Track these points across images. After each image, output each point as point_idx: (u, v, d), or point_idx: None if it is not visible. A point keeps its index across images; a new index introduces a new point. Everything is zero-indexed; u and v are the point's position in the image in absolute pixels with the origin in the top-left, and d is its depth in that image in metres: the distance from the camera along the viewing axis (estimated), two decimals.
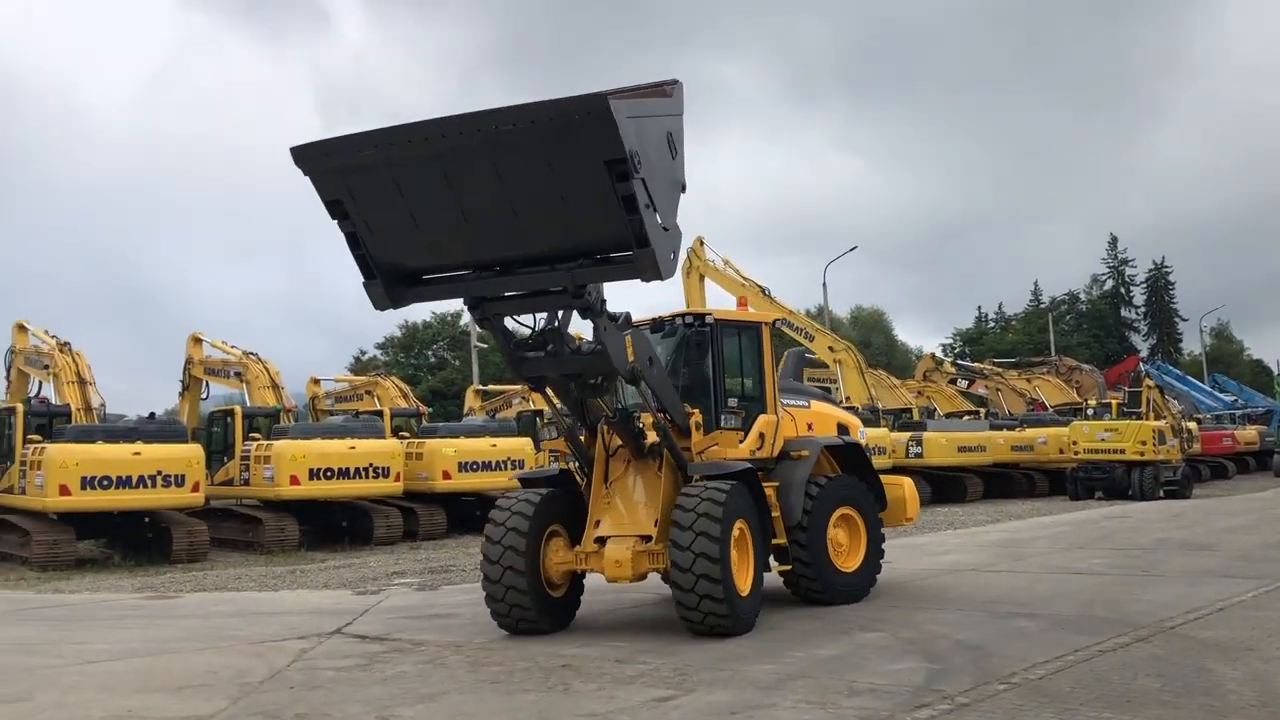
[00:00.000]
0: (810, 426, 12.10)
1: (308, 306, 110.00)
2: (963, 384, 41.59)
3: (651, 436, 10.22)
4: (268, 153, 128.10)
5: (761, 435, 11.10)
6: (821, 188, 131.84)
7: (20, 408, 20.38)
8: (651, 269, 7.55)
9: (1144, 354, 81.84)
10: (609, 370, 9.34)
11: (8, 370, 24.10)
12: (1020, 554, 16.25)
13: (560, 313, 9.10)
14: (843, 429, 12.70)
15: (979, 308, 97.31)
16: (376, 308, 8.40)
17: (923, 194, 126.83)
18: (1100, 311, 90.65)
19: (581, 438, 10.49)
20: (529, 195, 7.52)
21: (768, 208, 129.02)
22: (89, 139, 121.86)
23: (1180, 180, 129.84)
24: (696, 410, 10.43)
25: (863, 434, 13.03)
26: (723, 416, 10.64)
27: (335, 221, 8.02)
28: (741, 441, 10.80)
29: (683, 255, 34.28)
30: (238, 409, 22.99)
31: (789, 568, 10.76)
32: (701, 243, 33.80)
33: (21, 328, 23.85)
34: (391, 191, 7.70)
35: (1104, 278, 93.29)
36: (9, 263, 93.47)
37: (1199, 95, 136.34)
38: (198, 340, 25.64)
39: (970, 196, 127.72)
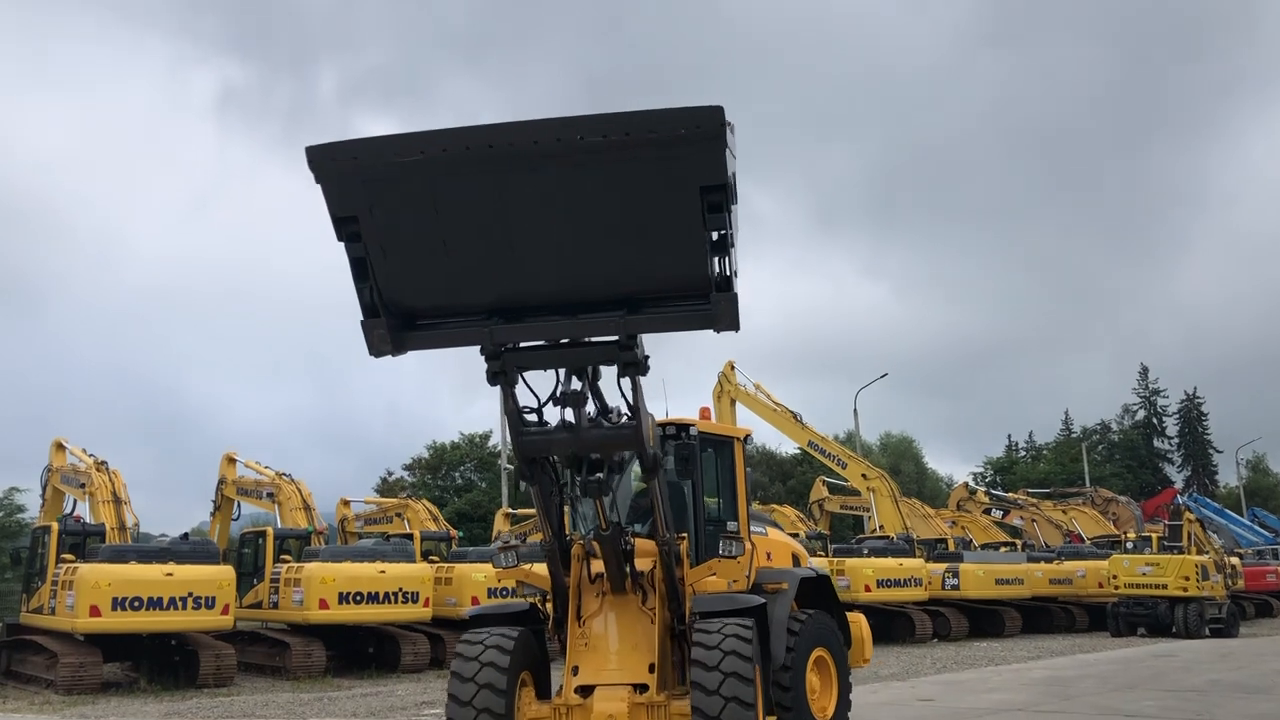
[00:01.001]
0: (769, 556, 11.08)
1: (335, 426, 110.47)
2: (997, 514, 40.99)
3: (644, 563, 9.01)
4: (299, 275, 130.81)
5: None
6: (848, 314, 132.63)
7: (55, 526, 20.40)
8: (730, 317, 6.39)
9: (1179, 486, 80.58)
10: (636, 448, 7.89)
11: (43, 488, 24.22)
12: (1068, 693, 15.73)
13: (591, 372, 7.55)
14: (795, 560, 11.81)
15: (1009, 436, 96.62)
16: (374, 352, 6.80)
17: (950, 321, 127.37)
18: (1133, 442, 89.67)
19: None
20: (597, 222, 6.14)
21: (795, 333, 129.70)
22: (130, 262, 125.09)
23: (1210, 310, 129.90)
24: (683, 535, 9.35)
25: (813, 567, 11.97)
26: (722, 543, 9.47)
27: (342, 244, 6.34)
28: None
29: (713, 379, 34.73)
30: (269, 530, 22.94)
31: (774, 718, 9.38)
32: (733, 367, 33.95)
33: (60, 446, 24.06)
34: (426, 209, 6.14)
35: (1135, 408, 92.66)
36: (48, 382, 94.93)
37: (1226, 225, 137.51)
38: (232, 460, 25.75)
39: (997, 324, 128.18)
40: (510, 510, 37.65)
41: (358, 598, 20.79)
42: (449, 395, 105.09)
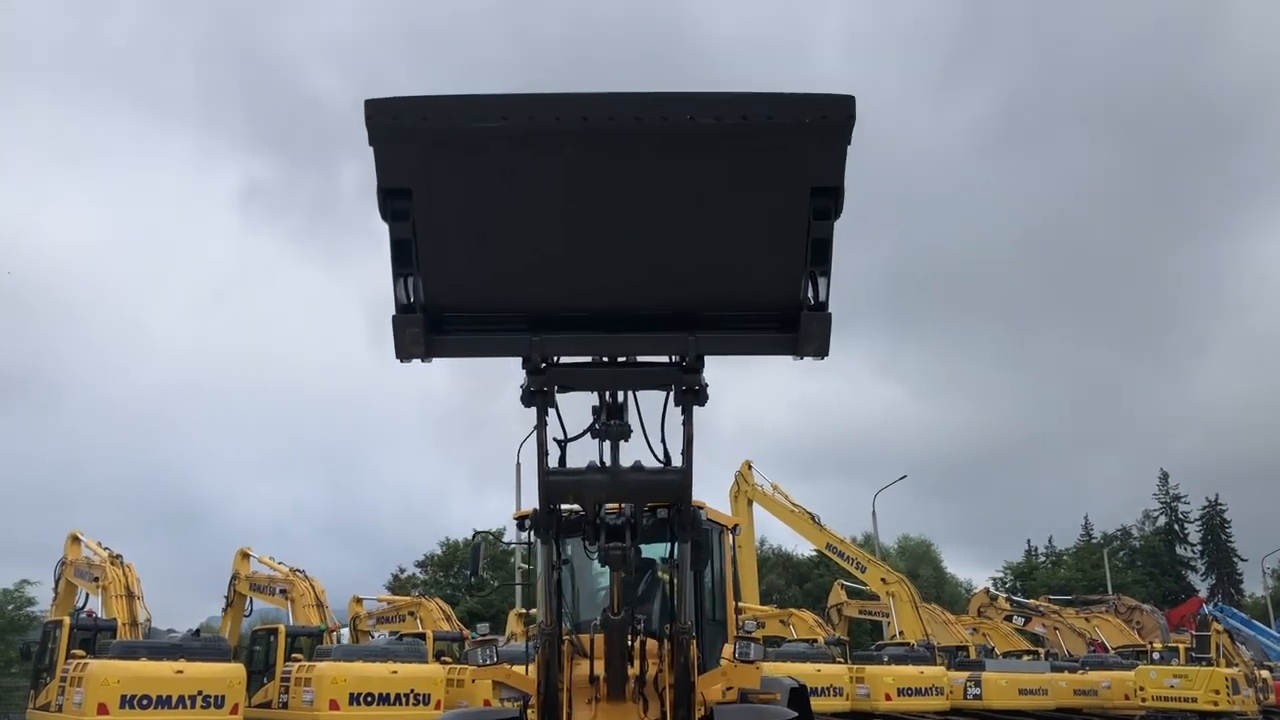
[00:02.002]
0: None
1: (348, 520, 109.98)
2: (1019, 621, 40.23)
3: (654, 665, 8.14)
4: (314, 368, 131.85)
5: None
6: (865, 414, 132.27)
7: (66, 621, 20.24)
8: (820, 341, 5.67)
9: (1204, 595, 79.11)
10: (681, 501, 6.80)
11: (56, 582, 24.10)
12: None
13: (633, 399, 6.59)
14: None
15: (1029, 541, 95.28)
16: (403, 355, 5.81)
17: (967, 422, 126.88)
18: (1154, 549, 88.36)
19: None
20: (686, 218, 5.33)
21: (811, 432, 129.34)
22: (148, 354, 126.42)
23: (1229, 414, 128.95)
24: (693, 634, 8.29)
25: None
26: (738, 645, 8.71)
27: (388, 221, 5.39)
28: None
29: (725, 476, 34.52)
30: (281, 628, 22.68)
31: None
32: (750, 467, 33.77)
33: (75, 539, 24.00)
34: (494, 187, 5.24)
35: (1156, 513, 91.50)
36: (64, 473, 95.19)
37: (1243, 329, 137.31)
38: (246, 555, 25.60)
39: (1014, 426, 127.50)
40: (523, 611, 37.15)
41: (369, 699, 20.41)
42: (462, 490, 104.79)
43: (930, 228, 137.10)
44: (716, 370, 6.17)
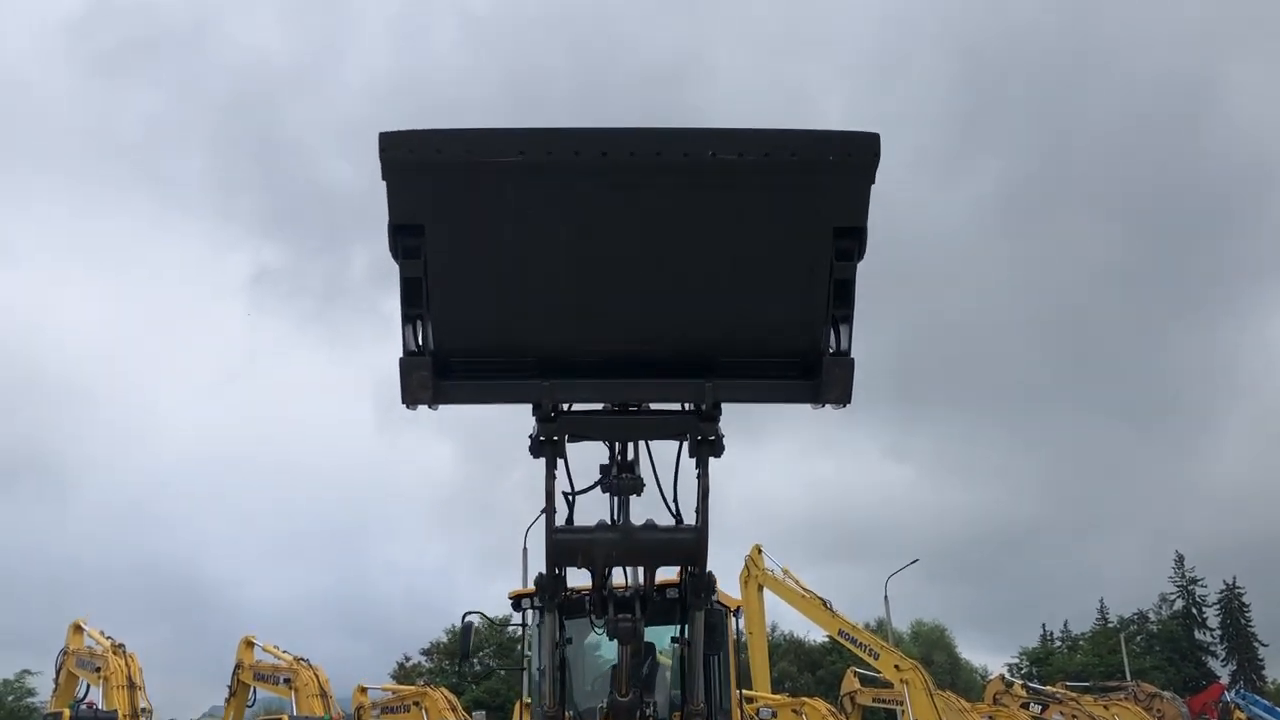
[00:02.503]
0: None
1: (352, 607, 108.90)
2: (1036, 709, 39.32)
3: None
4: (323, 452, 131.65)
5: None
6: (874, 496, 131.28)
7: (66, 713, 19.94)
8: (842, 388, 5.41)
9: (1225, 681, 77.45)
10: (696, 562, 6.28)
11: (57, 672, 23.79)
12: None
13: (648, 448, 6.22)
14: None
15: (1044, 625, 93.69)
16: (410, 400, 5.49)
17: (978, 504, 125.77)
18: (1172, 633, 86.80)
19: None
20: (705, 258, 5.14)
21: (821, 515, 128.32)
22: (155, 440, 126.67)
23: (1245, 495, 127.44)
24: None
25: None
26: None
27: (398, 259, 5.13)
28: None
29: (738, 563, 34.10)
30: (285, 718, 22.29)
31: None
32: (760, 551, 33.38)
33: (78, 628, 23.77)
34: (509, 223, 5.02)
35: (1173, 597, 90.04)
36: (67, 560, 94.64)
37: (1256, 408, 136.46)
38: (250, 644, 25.28)
39: (1026, 508, 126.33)
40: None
41: None
42: (468, 575, 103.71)
43: (937, 308, 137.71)
44: (725, 450, 5.91)
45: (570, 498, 6.12)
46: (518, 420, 5.84)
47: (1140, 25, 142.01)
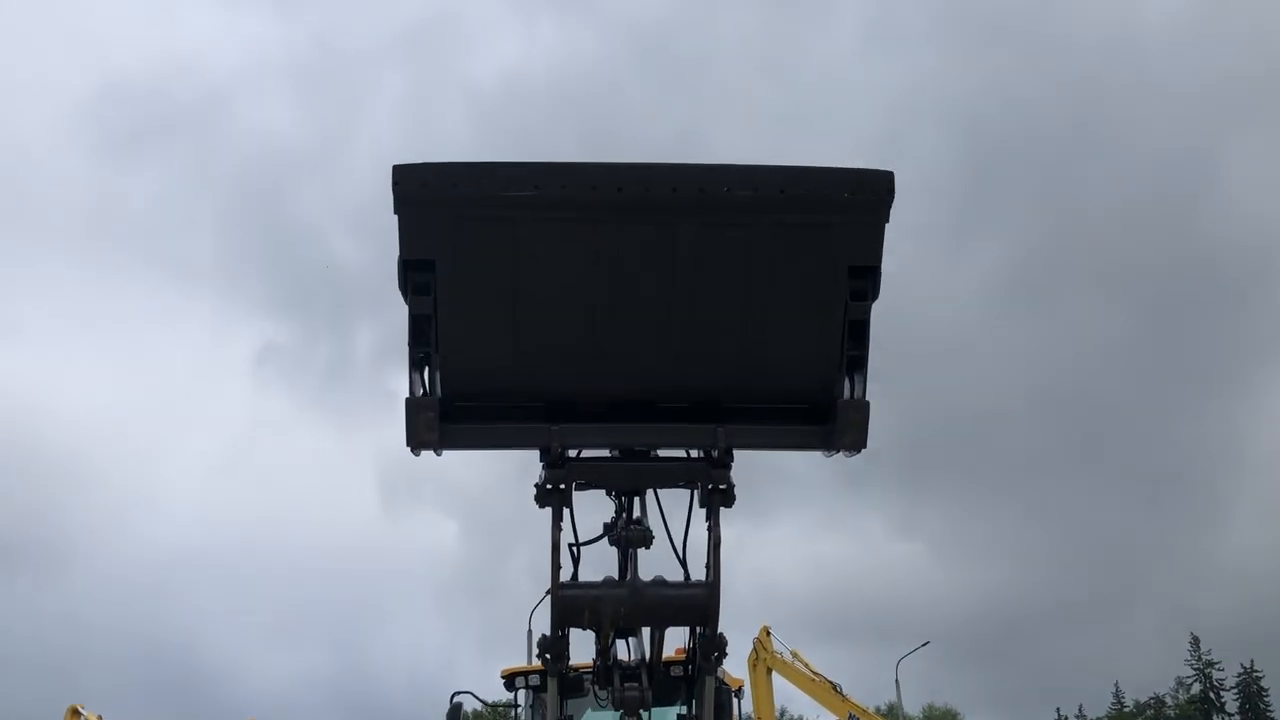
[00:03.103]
0: None
1: (353, 689, 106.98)
2: None
3: None
4: (325, 533, 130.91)
5: None
6: (883, 575, 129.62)
7: None
8: (857, 432, 5.23)
9: None
10: (707, 623, 5.83)
11: None
12: None
13: (657, 498, 5.93)
14: None
15: (1058, 710, 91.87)
16: (415, 443, 5.25)
17: (989, 584, 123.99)
18: (1190, 718, 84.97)
19: None
20: (717, 298, 5.03)
21: (827, 596, 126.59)
22: (156, 518, 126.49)
23: (1259, 574, 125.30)
24: None
25: None
26: None
27: (407, 296, 4.99)
28: None
29: (746, 645, 33.54)
30: None
31: None
32: (769, 633, 32.81)
33: (75, 712, 23.35)
34: (523, 259, 4.89)
35: (1190, 680, 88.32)
36: (67, 642, 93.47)
37: (1268, 485, 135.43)
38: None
39: (1038, 588, 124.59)
40: None
41: None
42: (470, 657, 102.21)
43: (944, 385, 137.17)
44: (731, 528, 5.70)
45: (575, 550, 5.88)
46: (523, 497, 5.63)
47: (1140, 103, 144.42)
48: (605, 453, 5.65)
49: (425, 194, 4.70)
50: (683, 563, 5.93)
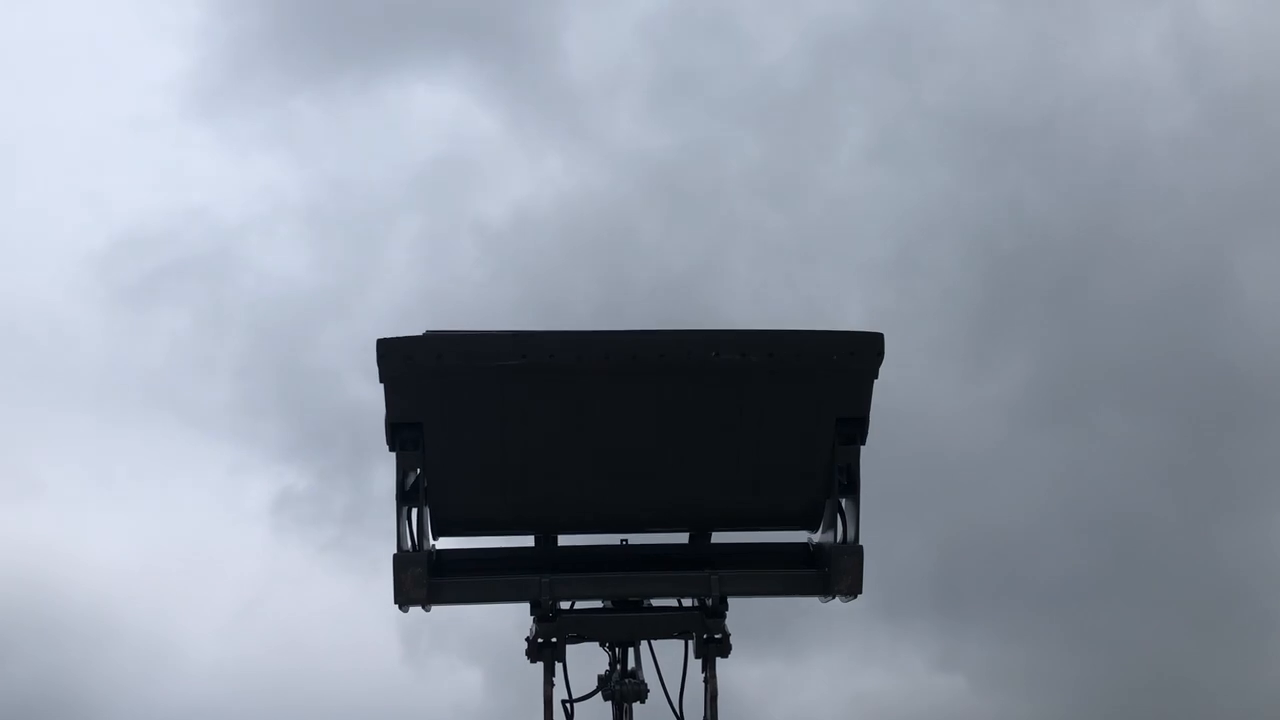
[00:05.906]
0: None
1: None
2: None
3: None
4: (346, 685, 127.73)
5: None
6: (925, 710, 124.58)
7: None
8: (853, 577, 5.40)
9: None
10: None
11: None
12: None
13: (651, 648, 5.94)
14: None
15: None
16: (402, 600, 5.31)
17: (1035, 715, 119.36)
18: None
19: None
20: (706, 450, 5.32)
21: None
22: (173, 675, 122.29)
23: None
24: None
25: None
26: None
27: (395, 451, 5.23)
28: None
29: None
30: None
31: None
32: None
33: None
34: (510, 421, 5.18)
35: None
36: None
37: None
38: None
39: (1086, 719, 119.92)
40: None
41: None
42: None
43: (976, 510, 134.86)
44: (764, 667, 5.66)
45: (568, 706, 5.63)
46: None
47: (1155, 213, 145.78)
48: (598, 603, 5.68)
49: (411, 365, 4.97)
50: (679, 718, 5.83)
